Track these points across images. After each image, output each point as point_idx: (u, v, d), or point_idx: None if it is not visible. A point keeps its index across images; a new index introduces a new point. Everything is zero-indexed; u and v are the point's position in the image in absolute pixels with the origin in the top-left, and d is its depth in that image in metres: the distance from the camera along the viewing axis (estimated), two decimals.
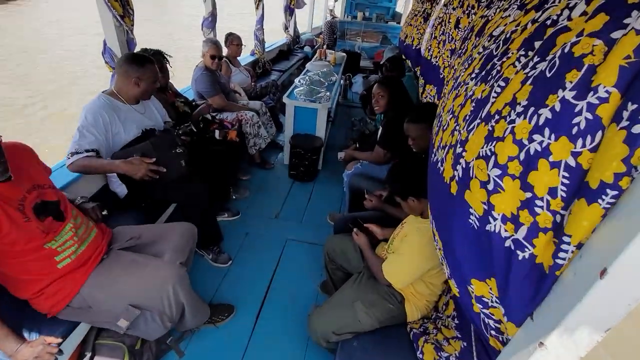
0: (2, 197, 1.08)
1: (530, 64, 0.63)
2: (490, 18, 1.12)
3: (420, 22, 3.54)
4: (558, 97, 0.54)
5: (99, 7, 1.81)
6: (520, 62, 0.67)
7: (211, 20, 3.23)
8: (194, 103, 2.73)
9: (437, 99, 2.49)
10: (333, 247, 1.72)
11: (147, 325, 1.33)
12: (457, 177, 0.75)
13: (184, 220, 1.72)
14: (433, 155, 0.97)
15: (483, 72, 0.81)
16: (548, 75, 0.58)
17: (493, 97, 0.71)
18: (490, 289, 0.72)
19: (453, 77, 1.09)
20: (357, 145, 2.57)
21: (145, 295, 1.32)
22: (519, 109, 0.60)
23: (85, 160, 1.59)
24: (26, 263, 1.16)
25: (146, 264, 1.38)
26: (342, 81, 4.70)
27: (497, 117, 0.65)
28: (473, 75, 0.86)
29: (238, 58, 3.69)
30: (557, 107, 0.54)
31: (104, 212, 1.54)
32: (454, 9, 2.44)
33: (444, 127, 0.92)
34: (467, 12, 2.11)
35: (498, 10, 1.06)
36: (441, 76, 2.46)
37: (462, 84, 0.91)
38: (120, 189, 1.90)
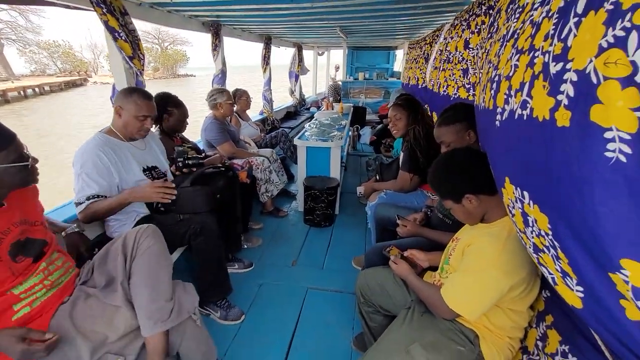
0: None
1: None
2: None
3: (422, 63, 3.62)
4: None
5: (109, 49, 1.82)
6: None
7: (221, 77, 3.35)
8: (203, 154, 2.65)
9: None
10: (367, 283, 1.38)
11: None
12: (565, 102, 0.51)
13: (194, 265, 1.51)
14: (498, 116, 0.75)
15: None
16: None
17: None
18: None
19: (495, 41, 0.92)
20: (378, 178, 2.35)
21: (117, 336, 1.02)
22: None
23: (90, 207, 1.46)
24: None
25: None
26: (350, 132, 4.72)
27: None
28: (536, 6, 0.69)
29: (248, 113, 3.75)
30: None
31: (95, 252, 1.31)
32: (459, 35, 2.44)
33: (509, 75, 0.72)
34: (475, 31, 2.08)
35: None
36: (449, 98, 2.37)
37: (521, 25, 0.74)
38: (118, 234, 1.66)
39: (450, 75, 2.49)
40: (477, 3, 2.09)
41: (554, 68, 0.55)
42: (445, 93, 2.63)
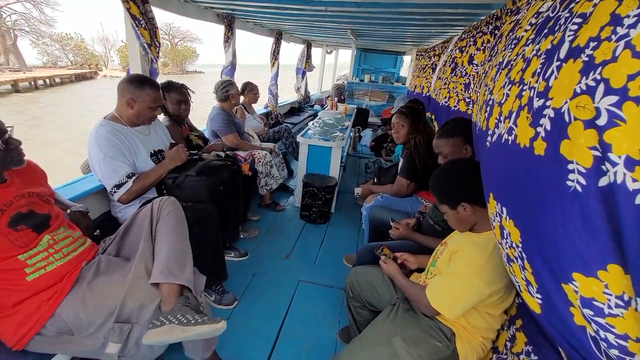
0: None
1: None
2: (520, 19, 1.08)
3: (429, 73, 3.71)
4: None
5: (128, 35, 1.88)
6: None
7: (230, 69, 3.40)
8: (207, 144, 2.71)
9: None
10: (357, 279, 1.47)
11: (138, 348, 1.06)
12: (542, 134, 0.60)
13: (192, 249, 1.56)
14: (489, 137, 0.84)
15: (545, 30, 0.72)
16: None
17: (569, 36, 0.61)
18: (607, 285, 0.52)
19: (493, 66, 1.01)
20: (376, 181, 2.44)
21: (134, 303, 1.09)
22: (629, 21, 0.48)
23: (136, 183, 1.57)
24: None
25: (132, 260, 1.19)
26: (351, 133, 4.79)
27: (592, 44, 0.53)
28: (528, 42, 0.78)
29: (253, 106, 3.81)
30: None
31: (96, 233, 1.38)
32: (466, 51, 2.53)
33: (501, 102, 0.80)
34: (481, 48, 2.16)
35: (530, 7, 1.02)
36: (450, 109, 2.47)
37: (515, 57, 0.82)
38: (122, 214, 1.74)
39: (453, 88, 2.58)
40: (485, 22, 2.18)
41: (536, 103, 0.63)
42: (446, 104, 2.73)
